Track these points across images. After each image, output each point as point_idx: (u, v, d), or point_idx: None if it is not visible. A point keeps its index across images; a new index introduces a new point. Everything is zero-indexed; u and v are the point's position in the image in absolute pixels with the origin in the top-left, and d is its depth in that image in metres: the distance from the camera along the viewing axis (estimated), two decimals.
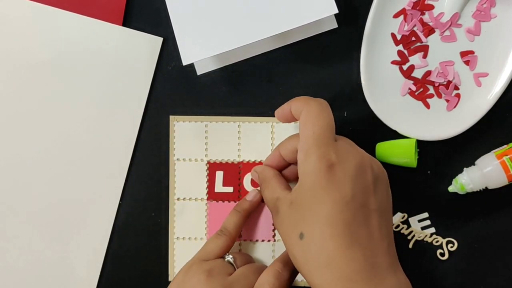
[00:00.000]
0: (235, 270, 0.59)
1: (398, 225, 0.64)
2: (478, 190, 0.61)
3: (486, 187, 0.61)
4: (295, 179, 0.58)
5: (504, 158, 0.60)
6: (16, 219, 0.65)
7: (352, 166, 0.53)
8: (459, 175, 0.62)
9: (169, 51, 0.65)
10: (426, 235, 0.64)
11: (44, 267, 0.65)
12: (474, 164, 0.62)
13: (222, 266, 0.59)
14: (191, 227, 0.64)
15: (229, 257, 0.60)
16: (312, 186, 0.53)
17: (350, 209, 0.52)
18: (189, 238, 0.65)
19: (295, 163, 0.57)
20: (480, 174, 0.61)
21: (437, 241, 0.64)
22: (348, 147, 0.54)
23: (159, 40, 0.65)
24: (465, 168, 0.62)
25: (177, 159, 0.65)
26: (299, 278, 0.64)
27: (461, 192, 0.61)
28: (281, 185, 0.58)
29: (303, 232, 0.53)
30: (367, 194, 0.53)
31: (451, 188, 0.62)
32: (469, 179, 0.61)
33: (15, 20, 0.65)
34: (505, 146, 0.62)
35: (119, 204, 0.65)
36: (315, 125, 0.54)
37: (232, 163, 0.65)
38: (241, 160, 0.65)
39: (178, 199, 0.65)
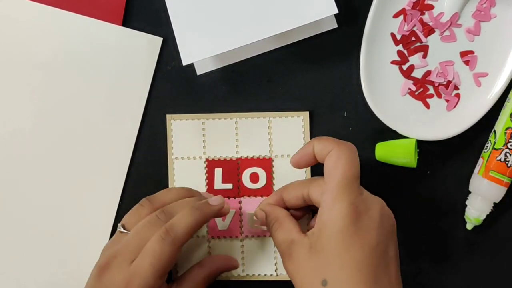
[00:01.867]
0: None
1: None
2: (492, 209, 0.62)
3: (494, 203, 0.62)
4: None
5: (490, 173, 0.61)
6: (15, 219, 0.65)
7: (377, 214, 0.53)
8: (467, 212, 0.62)
9: (169, 51, 0.65)
10: None
11: (43, 268, 0.65)
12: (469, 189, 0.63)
13: (114, 240, 0.57)
14: None
15: (119, 227, 0.58)
16: (339, 232, 0.52)
17: (375, 255, 0.52)
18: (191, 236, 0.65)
19: (295, 208, 0.59)
20: (481, 199, 0.61)
21: None
22: (371, 196, 0.55)
23: (159, 40, 0.65)
24: (467, 202, 0.62)
25: (175, 157, 0.65)
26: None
27: (479, 223, 0.62)
28: (296, 227, 0.56)
29: (327, 278, 0.52)
30: (388, 241, 0.54)
31: (470, 226, 0.63)
32: (476, 210, 0.62)
33: (15, 20, 0.65)
34: (481, 160, 0.62)
35: (119, 204, 0.65)
36: (346, 171, 0.54)
37: (231, 159, 0.65)
38: (239, 156, 0.65)
39: None
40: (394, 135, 0.63)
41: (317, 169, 0.65)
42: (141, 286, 0.53)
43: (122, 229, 0.57)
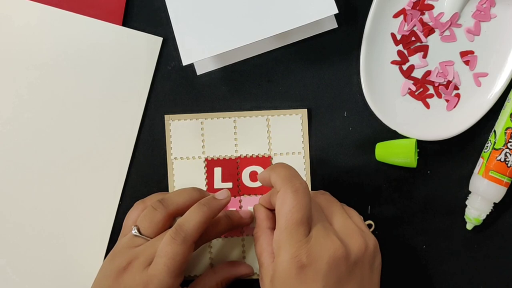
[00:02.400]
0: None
1: None
2: (491, 210, 0.62)
3: (494, 203, 0.62)
4: None
5: (490, 173, 0.61)
6: (15, 220, 0.65)
7: (324, 264, 0.52)
8: (467, 212, 0.62)
9: (169, 51, 0.65)
10: None
11: (43, 268, 0.65)
12: (469, 189, 0.63)
13: (128, 243, 0.58)
14: None
15: (134, 230, 0.58)
16: (285, 283, 0.52)
17: None
18: None
19: None
20: (481, 199, 0.61)
21: None
22: (322, 240, 0.52)
23: (159, 40, 0.65)
24: (467, 202, 0.62)
25: (175, 158, 0.65)
26: None
27: (479, 223, 0.62)
28: (269, 247, 0.56)
29: None
30: (341, 285, 0.52)
31: (470, 226, 0.63)
32: (476, 210, 0.62)
33: (15, 20, 0.65)
34: (481, 160, 0.62)
35: (119, 204, 0.65)
36: (288, 218, 0.52)
37: (230, 158, 0.65)
38: (238, 155, 0.65)
39: None
40: (394, 135, 0.63)
41: (317, 169, 0.65)
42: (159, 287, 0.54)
43: (137, 233, 0.58)
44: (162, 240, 0.55)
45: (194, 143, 0.65)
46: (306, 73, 0.65)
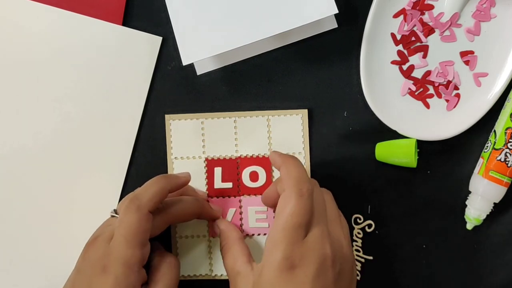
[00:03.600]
0: None
1: None
2: (491, 210, 0.62)
3: (494, 203, 0.62)
4: None
5: (490, 173, 0.61)
6: (15, 219, 0.65)
7: (313, 269, 0.52)
8: (467, 212, 0.62)
9: (168, 50, 0.65)
10: None
11: (43, 267, 0.65)
12: (468, 189, 0.63)
13: (104, 222, 0.59)
14: (192, 224, 0.64)
15: (112, 211, 0.59)
16: (271, 282, 0.53)
17: None
18: (191, 236, 0.65)
19: None
20: (481, 199, 0.61)
21: None
22: (316, 245, 0.53)
23: (159, 39, 0.65)
24: (467, 202, 0.62)
25: (175, 157, 0.65)
26: None
27: (479, 223, 0.62)
28: (243, 256, 0.57)
29: None
30: None
31: (470, 226, 0.63)
32: (476, 210, 0.61)
33: (15, 20, 0.65)
34: (481, 160, 0.62)
35: None
36: (287, 222, 0.53)
37: (230, 158, 0.65)
38: (238, 155, 0.65)
39: None
40: (394, 135, 0.63)
41: (317, 169, 0.65)
42: (118, 258, 0.54)
43: (114, 214, 0.58)
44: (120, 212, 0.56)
45: (194, 143, 0.65)
46: (306, 73, 0.64)
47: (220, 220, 0.63)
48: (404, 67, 0.63)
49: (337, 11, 0.59)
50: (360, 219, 0.64)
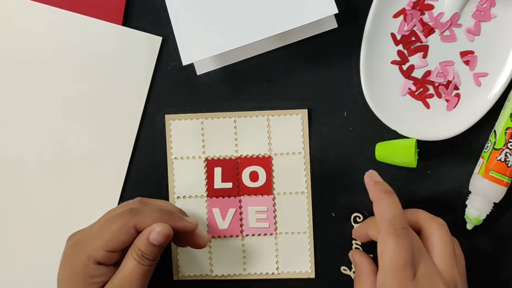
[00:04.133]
0: None
1: None
2: (491, 210, 0.62)
3: (494, 203, 0.62)
4: None
5: (490, 173, 0.61)
6: (15, 219, 0.65)
7: None
8: (467, 212, 0.62)
9: (168, 50, 0.65)
10: None
11: (43, 267, 0.65)
12: (469, 189, 0.63)
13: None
14: None
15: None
16: None
17: None
18: None
19: None
20: (481, 199, 0.61)
21: None
22: (427, 284, 0.53)
23: (159, 39, 0.65)
24: (467, 202, 0.62)
25: (175, 157, 0.65)
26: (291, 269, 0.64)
27: (479, 223, 0.62)
28: None
29: None
30: None
31: (470, 226, 0.63)
32: (476, 210, 0.62)
33: (15, 20, 0.65)
34: (481, 160, 0.62)
35: (119, 204, 0.65)
36: (392, 263, 0.53)
37: (230, 158, 0.65)
38: (238, 155, 0.65)
39: (178, 197, 0.65)
40: (394, 135, 0.63)
41: (317, 169, 0.65)
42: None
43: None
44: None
45: (194, 143, 0.65)
46: (306, 73, 0.64)
47: (354, 251, 0.62)
48: (404, 67, 0.63)
49: (337, 11, 0.59)
50: (359, 217, 0.64)
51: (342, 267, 0.64)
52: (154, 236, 0.55)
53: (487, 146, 0.62)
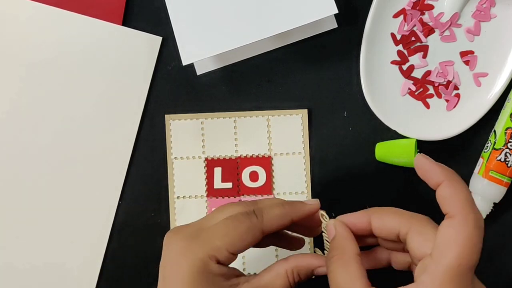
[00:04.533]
0: None
1: None
2: (491, 210, 0.62)
3: (494, 203, 0.62)
4: (370, 265, 0.53)
5: (490, 173, 0.61)
6: (14, 218, 0.65)
7: None
8: None
9: (168, 50, 0.65)
10: None
11: (42, 267, 0.65)
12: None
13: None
14: (193, 215, 0.64)
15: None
16: None
17: None
18: None
19: (385, 244, 0.52)
20: (481, 199, 0.61)
21: None
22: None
23: (159, 39, 0.65)
24: None
25: (175, 157, 0.65)
26: None
27: None
28: (362, 278, 0.47)
29: None
30: None
31: None
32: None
33: (15, 20, 0.65)
34: (481, 160, 0.62)
35: (119, 204, 0.65)
36: (461, 258, 0.43)
37: (230, 158, 0.65)
38: (238, 155, 0.65)
39: (178, 197, 0.65)
40: (394, 135, 0.63)
41: (317, 169, 0.65)
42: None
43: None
44: None
45: (194, 143, 0.65)
46: (306, 73, 0.65)
47: (339, 223, 0.51)
48: (404, 67, 0.63)
49: (337, 11, 0.59)
50: None
51: (315, 248, 0.57)
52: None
53: (487, 146, 0.62)
